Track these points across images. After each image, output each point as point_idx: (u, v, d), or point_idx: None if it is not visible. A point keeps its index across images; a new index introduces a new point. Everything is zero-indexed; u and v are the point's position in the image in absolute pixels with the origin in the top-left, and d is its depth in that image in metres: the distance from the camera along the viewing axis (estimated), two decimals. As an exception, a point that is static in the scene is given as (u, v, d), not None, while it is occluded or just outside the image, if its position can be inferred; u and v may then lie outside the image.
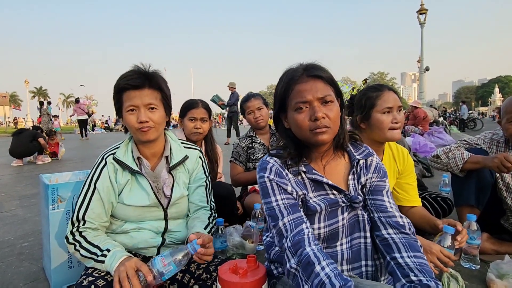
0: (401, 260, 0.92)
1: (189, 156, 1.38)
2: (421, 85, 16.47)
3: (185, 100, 2.11)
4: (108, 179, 1.23)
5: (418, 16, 15.55)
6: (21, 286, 1.56)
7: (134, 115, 1.20)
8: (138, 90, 1.19)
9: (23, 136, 5.98)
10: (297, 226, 0.95)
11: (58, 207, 1.49)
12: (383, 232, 1.01)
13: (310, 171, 1.03)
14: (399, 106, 1.49)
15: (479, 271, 1.56)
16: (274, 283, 1.10)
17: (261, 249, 1.89)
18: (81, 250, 1.16)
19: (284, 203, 0.98)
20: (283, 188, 1.00)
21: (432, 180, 3.68)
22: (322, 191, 1.04)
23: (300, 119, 0.97)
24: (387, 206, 1.04)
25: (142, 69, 1.23)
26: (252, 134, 2.45)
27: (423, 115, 8.07)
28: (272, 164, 1.02)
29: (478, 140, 1.91)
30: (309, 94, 0.96)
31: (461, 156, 1.77)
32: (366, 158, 1.09)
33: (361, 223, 1.04)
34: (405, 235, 0.99)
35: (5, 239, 2.20)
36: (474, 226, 1.52)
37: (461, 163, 1.76)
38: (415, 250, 0.95)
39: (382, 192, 1.07)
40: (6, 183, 4.29)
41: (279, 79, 1.05)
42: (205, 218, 1.33)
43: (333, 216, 1.03)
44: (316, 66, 1.01)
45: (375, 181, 1.08)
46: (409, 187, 1.60)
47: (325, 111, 0.95)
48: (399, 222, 1.01)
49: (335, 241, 1.04)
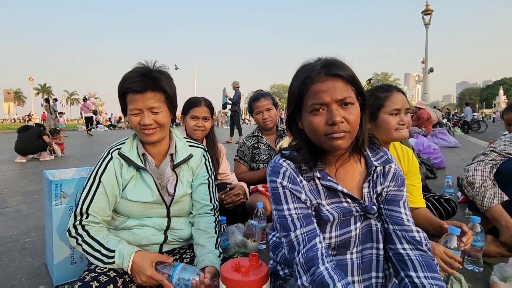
0: (417, 280, 0.88)
1: (193, 154, 1.38)
2: (425, 86, 16.39)
3: (188, 98, 2.11)
4: (113, 173, 1.24)
5: (423, 17, 15.47)
6: (24, 281, 1.56)
7: (138, 117, 1.20)
8: (140, 94, 1.17)
9: (29, 133, 6.00)
10: (310, 240, 0.90)
11: (61, 203, 1.49)
12: (398, 247, 0.95)
13: (325, 178, 0.96)
14: (407, 108, 1.48)
15: (483, 273, 1.54)
16: (281, 284, 1.08)
17: (263, 248, 1.88)
18: (83, 245, 1.16)
19: (297, 213, 0.92)
20: (296, 196, 0.93)
21: (435, 182, 3.66)
22: (336, 199, 0.97)
23: (315, 122, 0.88)
24: (403, 218, 0.98)
25: (145, 70, 1.20)
26: (258, 134, 2.43)
27: (427, 116, 8.03)
28: (285, 169, 0.95)
29: (506, 148, 1.78)
30: (327, 95, 0.86)
31: (491, 200, 1.65)
32: (384, 165, 1.01)
33: (374, 233, 0.99)
34: (421, 252, 0.94)
35: (8, 234, 2.21)
36: (478, 228, 1.51)
37: (487, 206, 1.65)
38: (432, 270, 0.90)
39: (399, 203, 1.01)
40: (9, 179, 4.32)
41: (294, 76, 0.95)
42: (212, 231, 1.32)
43: (346, 226, 0.97)
44: (336, 63, 0.90)
45: (392, 190, 1.01)
46: (414, 188, 1.59)
47: (344, 114, 0.87)
48: (415, 238, 0.95)
49: (346, 250, 0.99)
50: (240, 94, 9.63)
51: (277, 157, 1.00)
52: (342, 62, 0.91)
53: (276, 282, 1.10)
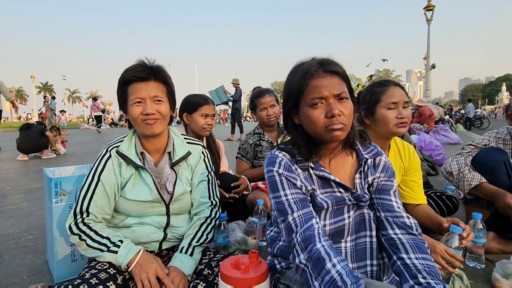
0: (408, 261, 0.91)
1: (191, 152, 1.37)
2: (427, 82, 16.31)
3: (189, 95, 2.10)
4: (112, 171, 1.23)
5: (425, 13, 15.34)
6: (25, 278, 1.57)
7: (140, 107, 1.20)
8: (144, 82, 1.20)
9: (31, 131, 5.96)
10: (307, 221, 0.94)
11: (61, 201, 1.49)
12: (389, 232, 1.00)
13: (318, 168, 1.02)
14: (405, 102, 1.47)
15: (485, 270, 1.54)
16: (278, 278, 1.09)
17: (263, 245, 1.88)
18: (87, 240, 1.16)
19: (294, 198, 0.97)
20: (292, 183, 0.98)
21: (437, 178, 3.65)
22: (329, 188, 1.03)
23: (315, 115, 0.95)
24: (394, 206, 1.03)
25: (147, 63, 1.24)
26: (260, 131, 2.42)
27: (429, 113, 8.00)
28: (281, 158, 1.00)
29: (483, 141, 1.86)
30: (325, 90, 0.93)
31: (469, 182, 1.71)
32: (375, 158, 1.08)
33: (367, 222, 1.03)
34: (412, 236, 0.98)
35: (10, 232, 2.22)
36: (479, 225, 1.50)
37: (467, 189, 1.72)
38: (422, 251, 0.94)
39: (389, 192, 1.06)
40: (11, 177, 4.33)
41: (291, 73, 1.02)
42: (194, 229, 1.31)
43: (339, 214, 1.02)
44: (332, 61, 0.99)
45: (383, 181, 1.07)
46: (415, 185, 1.58)
47: (341, 108, 0.94)
48: (406, 223, 1.00)
49: (340, 239, 1.03)
50: (241, 91, 9.60)
51: (273, 150, 1.06)
52: (336, 61, 1.00)
53: (273, 276, 1.11)
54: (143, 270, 1.12)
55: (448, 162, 1.89)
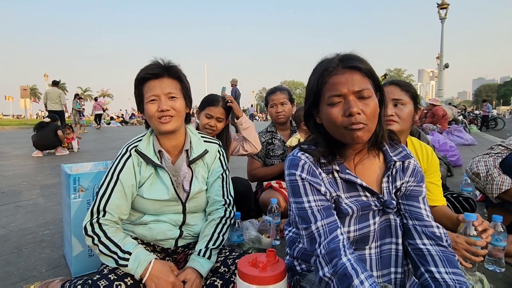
0: (438, 276, 0.87)
1: (208, 150, 1.37)
2: (440, 82, 16.02)
3: (208, 94, 2.10)
4: (132, 170, 1.24)
5: (439, 11, 15.06)
6: (44, 272, 1.60)
7: (155, 104, 1.21)
8: (158, 79, 1.22)
9: (47, 130, 6.26)
10: (331, 232, 0.89)
11: (79, 197, 1.52)
12: (417, 242, 0.94)
13: (344, 171, 0.96)
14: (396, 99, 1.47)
15: (504, 274, 1.50)
16: (298, 280, 1.07)
17: (277, 244, 1.88)
18: (99, 246, 1.13)
19: (317, 205, 0.92)
20: (316, 189, 0.93)
21: (452, 180, 3.57)
22: (354, 193, 0.97)
23: (333, 114, 0.89)
24: (423, 214, 0.97)
25: (161, 61, 1.25)
26: (272, 129, 2.41)
27: (442, 113, 7.85)
28: (304, 161, 0.94)
29: None
30: (344, 87, 0.87)
31: (499, 185, 1.64)
32: (404, 160, 1.00)
33: (393, 228, 0.97)
34: (442, 248, 0.93)
35: (27, 226, 2.27)
36: (499, 227, 1.46)
37: (496, 193, 1.64)
38: (453, 266, 0.89)
39: (418, 198, 1.00)
40: (27, 173, 4.43)
41: (313, 71, 0.96)
42: (209, 230, 1.29)
43: (365, 220, 0.96)
44: (353, 56, 0.92)
45: (411, 186, 1.00)
46: (433, 186, 1.54)
47: (361, 106, 0.87)
48: (435, 233, 0.94)
49: (364, 245, 0.98)
50: (237, 90, 9.75)
51: (295, 151, 0.99)
52: (359, 56, 0.93)
53: (293, 278, 1.09)
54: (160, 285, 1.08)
55: (475, 163, 1.78)
